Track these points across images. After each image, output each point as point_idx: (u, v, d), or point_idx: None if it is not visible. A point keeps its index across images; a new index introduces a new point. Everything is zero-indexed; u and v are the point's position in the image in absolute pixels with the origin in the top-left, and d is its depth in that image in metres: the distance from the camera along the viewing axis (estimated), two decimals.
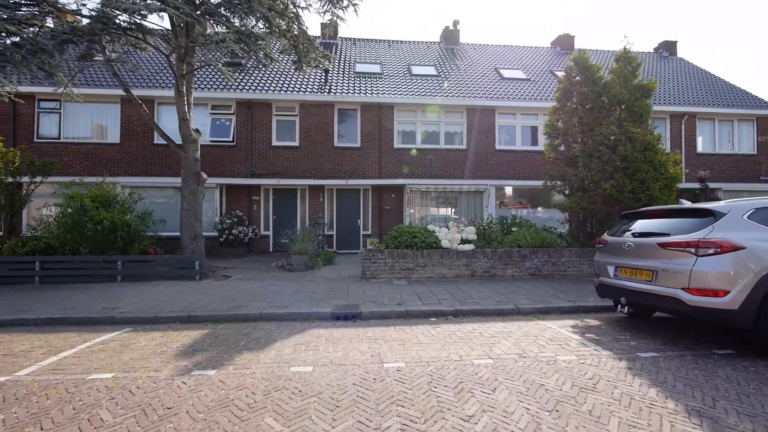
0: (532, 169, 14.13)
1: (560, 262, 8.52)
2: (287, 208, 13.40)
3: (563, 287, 7.30)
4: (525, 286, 7.43)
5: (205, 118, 13.20)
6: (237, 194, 13.15)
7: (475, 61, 17.11)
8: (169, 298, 6.26)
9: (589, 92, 8.61)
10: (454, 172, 13.79)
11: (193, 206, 8.15)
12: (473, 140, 13.95)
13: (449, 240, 8.41)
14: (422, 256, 8.19)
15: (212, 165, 12.99)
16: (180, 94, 7.59)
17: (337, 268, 9.66)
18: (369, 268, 8.11)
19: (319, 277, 8.35)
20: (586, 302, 6.16)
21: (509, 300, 6.24)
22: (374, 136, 13.60)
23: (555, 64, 17.49)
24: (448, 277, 8.22)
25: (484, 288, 7.16)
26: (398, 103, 13.55)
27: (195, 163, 8.24)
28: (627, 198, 7.74)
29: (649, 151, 7.85)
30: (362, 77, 14.62)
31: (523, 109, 14.22)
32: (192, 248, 8.09)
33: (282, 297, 6.35)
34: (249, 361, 3.75)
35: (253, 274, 8.67)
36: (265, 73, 14.20)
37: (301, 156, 13.34)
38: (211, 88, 13.04)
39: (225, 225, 12.14)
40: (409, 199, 13.35)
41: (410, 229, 8.46)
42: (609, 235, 5.31)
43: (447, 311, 5.71)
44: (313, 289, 6.94)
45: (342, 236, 13.50)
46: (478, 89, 14.49)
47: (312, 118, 13.41)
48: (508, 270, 8.38)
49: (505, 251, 8.40)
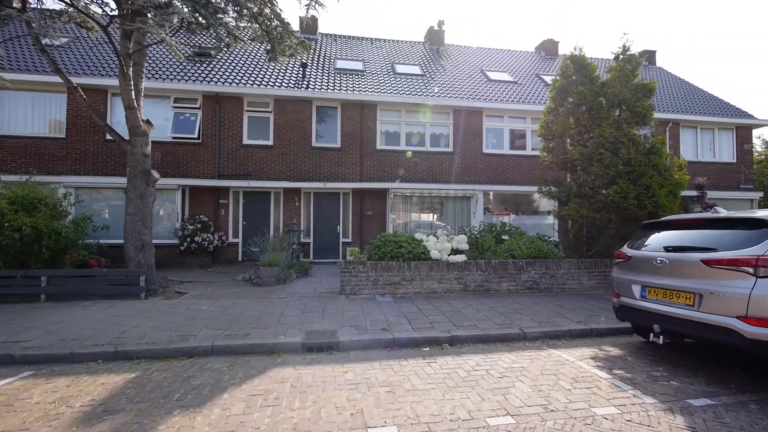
0: (520, 174, 13.58)
1: (558, 275, 7.80)
2: (259, 213, 12.19)
3: (566, 304, 6.54)
4: (524, 302, 6.62)
5: (167, 112, 11.86)
6: (202, 197, 11.84)
7: (460, 62, 16.53)
8: (98, 325, 5.03)
9: (587, 92, 8.01)
10: (441, 176, 13.01)
11: (141, 210, 6.89)
12: (460, 143, 13.25)
13: (439, 250, 7.53)
14: (409, 268, 7.27)
15: (174, 164, 11.66)
16: (125, 77, 6.38)
17: (313, 281, 8.58)
18: (349, 283, 7.09)
19: (291, 293, 7.25)
20: (598, 323, 5.40)
21: (512, 322, 5.38)
22: (356, 136, 12.65)
23: (540, 69, 17.18)
24: (438, 292, 7.32)
25: (480, 305, 6.30)
26: (382, 102, 12.68)
27: (144, 159, 7.00)
28: (631, 205, 7.11)
29: (653, 155, 7.29)
30: (343, 74, 13.68)
31: (511, 111, 13.67)
32: (138, 260, 6.82)
33: (243, 321, 5.24)
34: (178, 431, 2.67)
35: (214, 290, 7.47)
36: (237, 65, 13.01)
37: (275, 156, 12.20)
38: (174, 78, 11.73)
39: (187, 232, 10.81)
40: (393, 204, 12.44)
41: (395, 237, 7.53)
42: (631, 247, 4.55)
43: (442, 338, 4.78)
44: (283, 310, 5.85)
45: (320, 244, 12.41)
46: (464, 90, 13.85)
47: (288, 116, 12.32)
48: (504, 283, 7.58)
49: (500, 263, 7.60)
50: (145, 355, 4.19)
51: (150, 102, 11.82)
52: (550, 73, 16.48)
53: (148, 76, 11.65)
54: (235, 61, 13.30)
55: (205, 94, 11.89)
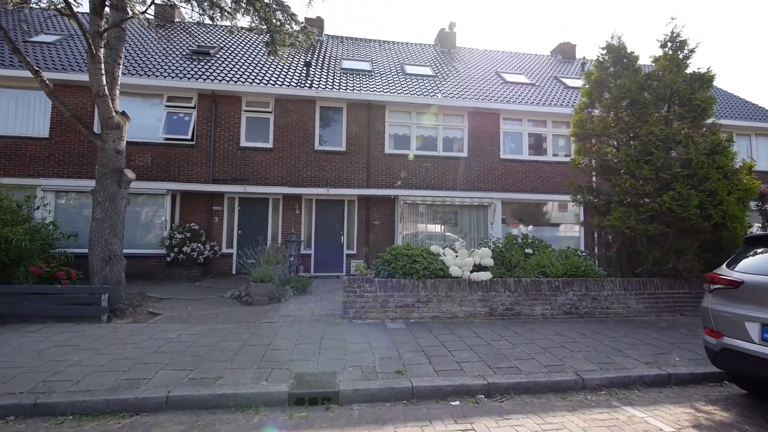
0: (540, 181, 12.44)
1: (601, 297, 6.59)
2: (256, 221, 11.15)
3: (620, 336, 5.32)
4: (567, 332, 5.41)
5: (160, 112, 10.98)
6: (194, 203, 10.84)
7: (473, 64, 15.61)
8: (30, 361, 3.92)
9: (630, 84, 6.91)
10: (454, 183, 11.91)
11: (111, 216, 5.85)
12: (475, 147, 12.18)
13: (460, 266, 6.38)
14: (425, 288, 6.11)
15: (165, 167, 10.72)
16: (95, 59, 5.44)
17: (312, 300, 7.43)
18: (353, 304, 5.94)
19: (284, 315, 6.11)
20: (674, 366, 4.17)
21: (562, 362, 4.18)
22: (362, 139, 11.65)
23: (558, 71, 16.18)
24: (460, 316, 6.13)
25: (515, 337, 5.10)
26: (390, 102, 11.71)
27: (117, 156, 6.00)
28: (693, 214, 5.92)
29: (718, 155, 6.13)
30: (349, 74, 12.78)
31: (530, 114, 12.61)
32: (104, 275, 5.75)
33: (218, 356, 4.11)
34: None
35: (195, 310, 6.35)
36: (236, 64, 12.17)
37: (274, 160, 11.22)
38: (168, 75, 10.88)
39: (175, 241, 9.76)
40: (402, 213, 11.33)
41: (408, 250, 6.39)
42: (736, 269, 3.37)
43: (476, 387, 3.60)
44: (271, 340, 4.71)
45: (321, 256, 11.29)
46: (479, 92, 12.85)
47: (289, 116, 11.38)
48: (537, 307, 6.37)
49: (532, 282, 6.41)
50: (74, 410, 3.07)
51: (141, 100, 10.99)
52: (569, 76, 15.50)
53: (140, 72, 10.85)
54: (234, 60, 12.48)
55: (201, 93, 11.01)
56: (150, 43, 12.89)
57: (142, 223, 10.44)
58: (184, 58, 12.08)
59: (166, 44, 12.90)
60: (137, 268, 10.08)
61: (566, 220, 12.75)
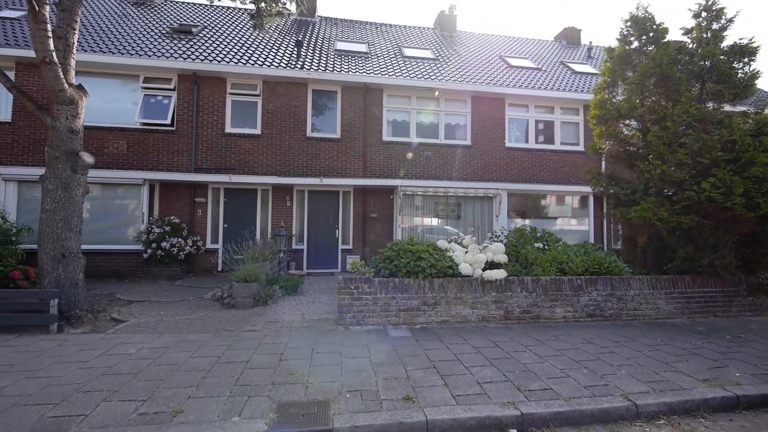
0: (548, 171, 11.71)
1: (627, 297, 5.88)
2: (244, 214, 10.28)
3: (658, 341, 4.61)
4: (597, 338, 4.69)
5: (136, 95, 10.00)
6: (176, 195, 9.93)
7: (476, 48, 14.74)
8: None
9: (661, 57, 6.13)
10: (456, 173, 11.13)
11: (64, 206, 4.98)
12: (479, 135, 11.39)
13: (471, 263, 5.61)
14: (432, 288, 5.34)
15: (143, 155, 9.78)
16: (37, 18, 4.50)
17: (304, 301, 6.64)
18: (350, 308, 5.16)
19: (270, 320, 5.31)
20: (738, 384, 3.46)
21: (604, 379, 3.45)
22: (358, 125, 10.79)
23: (564, 56, 15.39)
24: (471, 320, 5.38)
25: (540, 346, 4.36)
26: (389, 85, 10.84)
27: (71, 137, 5.10)
28: (737, 204, 5.21)
29: (765, 136, 5.40)
30: (344, 56, 11.85)
31: (537, 99, 11.83)
32: (57, 275, 4.89)
33: (181, 380, 3.31)
34: None
35: (167, 315, 5.52)
36: (220, 43, 11.18)
37: (263, 147, 10.33)
38: (144, 54, 9.89)
39: (152, 236, 8.87)
40: (402, 205, 10.53)
41: (412, 246, 5.61)
42: None
43: (507, 419, 2.85)
44: (251, 355, 3.91)
45: (315, 251, 10.48)
46: (483, 75, 12.01)
47: (279, 100, 10.46)
48: (557, 309, 5.65)
49: (551, 281, 5.68)
50: None
51: (115, 82, 10.00)
52: (576, 61, 14.72)
53: (113, 51, 9.84)
54: (218, 39, 11.48)
55: (181, 73, 10.04)
56: (126, 20, 11.84)
57: (117, 216, 9.53)
58: (163, 37, 11.07)
59: (144, 22, 11.85)
60: (111, 265, 9.21)
61: (573, 212, 12.05)
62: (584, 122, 12.11)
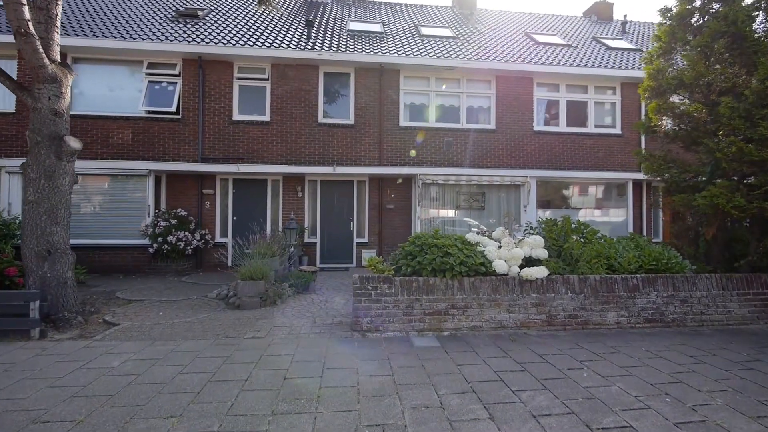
0: (581, 156, 10.69)
1: (693, 299, 4.99)
2: (253, 206, 9.74)
3: (744, 355, 3.75)
4: (667, 352, 3.86)
5: (139, 81, 9.52)
6: (182, 186, 9.46)
7: (498, 26, 13.64)
8: None
9: (736, 13, 5.11)
10: (480, 160, 10.26)
11: (48, 197, 4.47)
12: (504, 118, 10.45)
13: (506, 260, 4.84)
14: (462, 289, 4.60)
15: (148, 145, 9.32)
16: None
17: (315, 301, 6.02)
18: (367, 312, 4.49)
19: (277, 325, 4.70)
20: None
21: (696, 411, 2.66)
22: (373, 109, 10.02)
23: (597, 32, 14.11)
24: (509, 327, 4.63)
25: (597, 361, 3.58)
26: (405, 65, 10.00)
27: (54, 120, 4.57)
28: None
29: None
30: (357, 36, 11.03)
31: (568, 77, 10.76)
32: (42, 274, 4.41)
33: (160, 410, 2.70)
34: None
35: (165, 317, 4.99)
36: (227, 26, 10.55)
37: (272, 135, 9.71)
38: (147, 38, 9.35)
39: (158, 229, 8.43)
40: (421, 195, 9.75)
41: (438, 240, 4.87)
42: None
43: None
44: (251, 372, 3.28)
45: (328, 245, 9.87)
46: (508, 53, 11.00)
47: (289, 84, 9.79)
48: (609, 313, 4.82)
49: (602, 280, 4.85)
50: None
51: (118, 68, 9.54)
52: (609, 37, 13.44)
53: (115, 35, 9.35)
54: (225, 22, 10.85)
55: (186, 58, 9.48)
56: (130, 5, 11.34)
57: (122, 209, 9.12)
58: (168, 21, 10.51)
59: (149, 6, 11.33)
60: (117, 261, 8.84)
61: (609, 202, 10.98)
62: (621, 102, 11.00)
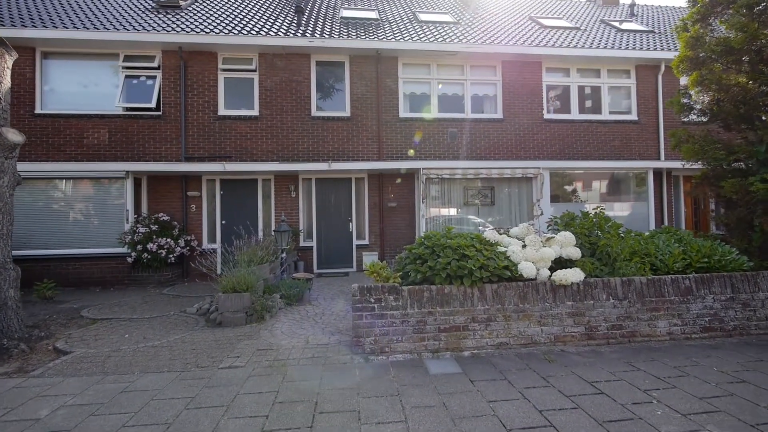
0: (595, 145, 9.92)
1: (755, 301, 4.21)
2: (243, 208, 8.96)
3: None
4: (746, 373, 3.08)
5: (115, 77, 8.75)
6: (165, 189, 8.68)
7: (501, 11, 12.86)
8: None
9: None
10: (487, 152, 9.48)
11: None
12: (512, 106, 9.67)
13: (534, 261, 4.06)
14: (484, 298, 3.82)
15: (126, 144, 8.55)
16: None
17: (310, 313, 5.23)
18: (370, 331, 3.70)
19: (261, 348, 3.91)
20: None
21: None
22: (370, 101, 9.25)
23: (604, 15, 13.34)
24: (541, 342, 3.84)
25: (665, 388, 2.79)
26: (404, 51, 9.23)
27: None
28: None
29: None
30: (351, 24, 10.24)
31: (580, 60, 9.99)
32: None
33: None
34: None
35: (131, 340, 4.20)
36: (210, 15, 9.78)
37: (262, 130, 8.93)
38: (123, 28, 8.58)
39: (137, 236, 7.64)
40: (426, 192, 8.97)
41: (451, 239, 4.08)
42: None
43: None
44: (217, 423, 2.50)
45: (326, 249, 9.09)
46: (514, 37, 10.22)
47: (278, 75, 9.02)
48: (660, 321, 4.04)
49: (648, 282, 4.06)
50: None
51: (92, 63, 8.76)
52: (618, 20, 12.67)
53: (88, 26, 8.58)
54: (209, 11, 10.08)
55: (166, 49, 8.71)
56: None
57: (99, 215, 8.35)
58: (147, 12, 9.74)
59: None
60: (94, 272, 8.04)
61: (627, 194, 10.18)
62: (636, 86, 10.23)
